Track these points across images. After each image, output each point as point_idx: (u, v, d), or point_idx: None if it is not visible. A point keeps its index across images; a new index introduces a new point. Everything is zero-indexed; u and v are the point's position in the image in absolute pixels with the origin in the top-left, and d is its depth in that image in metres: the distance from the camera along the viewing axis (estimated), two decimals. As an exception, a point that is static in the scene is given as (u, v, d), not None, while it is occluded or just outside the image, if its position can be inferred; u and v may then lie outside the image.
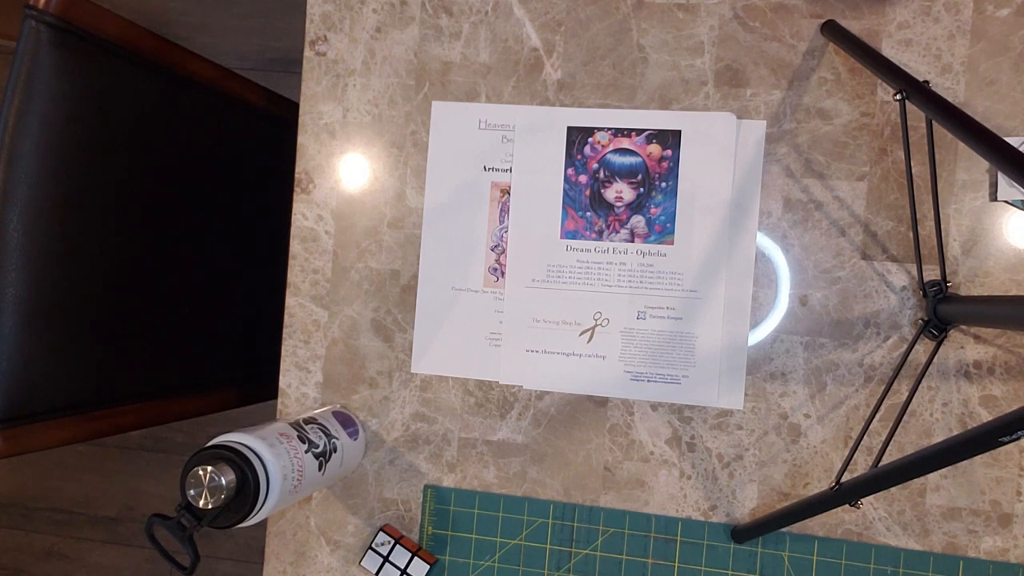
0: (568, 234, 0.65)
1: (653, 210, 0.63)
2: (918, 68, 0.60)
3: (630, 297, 0.64)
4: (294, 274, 0.69)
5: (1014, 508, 0.59)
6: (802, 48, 0.62)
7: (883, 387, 0.59)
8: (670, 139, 0.63)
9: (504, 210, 0.66)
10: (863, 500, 0.60)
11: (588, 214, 0.64)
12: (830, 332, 0.62)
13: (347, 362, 0.68)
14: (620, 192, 0.64)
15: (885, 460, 0.57)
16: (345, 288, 0.68)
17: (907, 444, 0.60)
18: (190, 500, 0.49)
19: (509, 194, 0.65)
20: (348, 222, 0.68)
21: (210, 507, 0.48)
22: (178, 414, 0.84)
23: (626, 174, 0.64)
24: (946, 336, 0.58)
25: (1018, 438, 0.36)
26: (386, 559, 0.64)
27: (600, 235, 0.64)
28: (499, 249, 0.66)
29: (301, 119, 0.69)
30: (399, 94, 0.67)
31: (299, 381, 0.69)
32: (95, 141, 0.72)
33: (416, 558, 0.64)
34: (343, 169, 0.68)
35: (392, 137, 0.67)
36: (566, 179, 0.65)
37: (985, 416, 0.60)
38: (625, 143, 0.64)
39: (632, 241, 0.64)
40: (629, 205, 0.64)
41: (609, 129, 0.64)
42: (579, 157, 0.65)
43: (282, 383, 0.69)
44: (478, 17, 0.66)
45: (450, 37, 0.66)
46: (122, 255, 0.76)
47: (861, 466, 0.61)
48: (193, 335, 0.86)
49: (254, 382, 0.97)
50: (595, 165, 0.64)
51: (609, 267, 0.64)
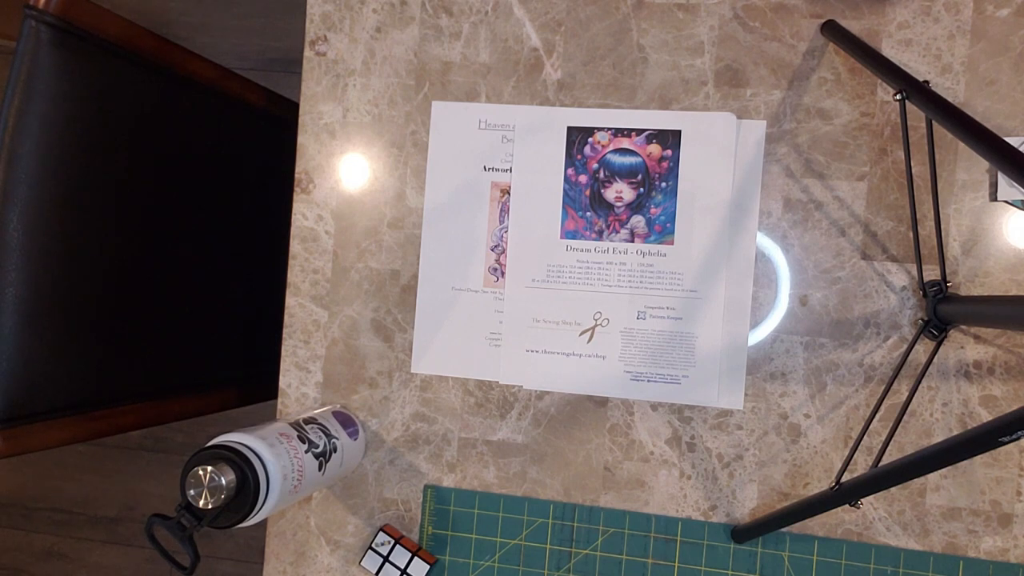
0: (568, 234, 0.65)
1: (653, 210, 0.63)
2: (918, 68, 0.60)
3: (630, 297, 0.64)
4: (294, 274, 0.69)
5: (1014, 508, 0.59)
6: (802, 48, 0.62)
7: (883, 387, 0.59)
8: (670, 139, 0.63)
9: (504, 210, 0.66)
10: (863, 500, 0.60)
11: (588, 214, 0.64)
12: (830, 332, 0.62)
13: (347, 362, 0.68)
14: (620, 192, 0.64)
15: (885, 460, 0.57)
16: (345, 288, 0.68)
17: (907, 444, 0.60)
18: (190, 500, 0.49)
19: (509, 194, 0.65)
20: (348, 222, 0.68)
21: (210, 507, 0.48)
22: (178, 414, 0.84)
23: (626, 174, 0.64)
24: (946, 336, 0.58)
25: (1018, 438, 0.36)
26: (386, 559, 0.64)
27: (600, 235, 0.64)
28: (499, 249, 0.66)
29: (301, 119, 0.69)
30: (399, 94, 0.67)
31: (299, 381, 0.69)
32: (95, 141, 0.72)
33: (416, 558, 0.64)
34: (343, 169, 0.68)
35: (392, 137, 0.67)
36: (566, 179, 0.65)
37: (985, 416, 0.60)
38: (625, 143, 0.64)
39: (632, 241, 0.64)
40: (629, 205, 0.64)
41: (609, 129, 0.64)
42: (579, 157, 0.65)
43: (282, 383, 0.69)
44: (478, 17, 0.66)
45: (450, 37, 0.66)
46: (122, 255, 0.76)
47: (861, 466, 0.61)
48: (193, 335, 0.86)
49: (254, 382, 0.97)
50: (595, 165, 0.64)
51: (609, 267, 0.64)
